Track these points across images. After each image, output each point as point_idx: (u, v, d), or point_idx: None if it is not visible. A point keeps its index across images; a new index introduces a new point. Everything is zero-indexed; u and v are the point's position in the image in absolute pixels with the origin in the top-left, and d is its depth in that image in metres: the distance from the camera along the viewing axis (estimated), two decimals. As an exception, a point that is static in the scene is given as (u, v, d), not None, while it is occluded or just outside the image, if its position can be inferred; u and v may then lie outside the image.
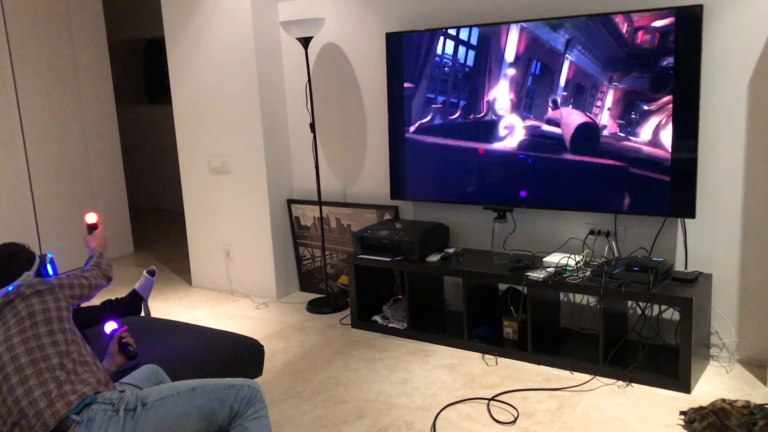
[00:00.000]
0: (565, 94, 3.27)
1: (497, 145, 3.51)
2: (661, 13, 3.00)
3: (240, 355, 2.77)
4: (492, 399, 2.97)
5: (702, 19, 2.93)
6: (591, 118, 3.23)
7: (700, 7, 2.92)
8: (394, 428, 2.78)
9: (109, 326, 2.85)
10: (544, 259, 3.36)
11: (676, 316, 3.22)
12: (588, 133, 3.25)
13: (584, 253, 3.41)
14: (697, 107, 2.99)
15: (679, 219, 3.22)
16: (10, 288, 2.26)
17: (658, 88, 3.05)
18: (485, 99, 3.50)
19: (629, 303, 3.35)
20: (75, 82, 5.37)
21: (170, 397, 2.01)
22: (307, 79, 4.09)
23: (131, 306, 3.36)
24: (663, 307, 3.30)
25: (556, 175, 3.37)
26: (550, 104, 3.32)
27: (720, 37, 3.02)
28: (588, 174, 3.28)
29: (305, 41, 3.95)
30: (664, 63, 3.02)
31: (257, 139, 4.26)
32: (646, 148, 3.11)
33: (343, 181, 4.31)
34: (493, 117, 3.49)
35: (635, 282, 3.00)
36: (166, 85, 5.52)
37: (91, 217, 2.96)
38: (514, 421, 2.78)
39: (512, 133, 3.46)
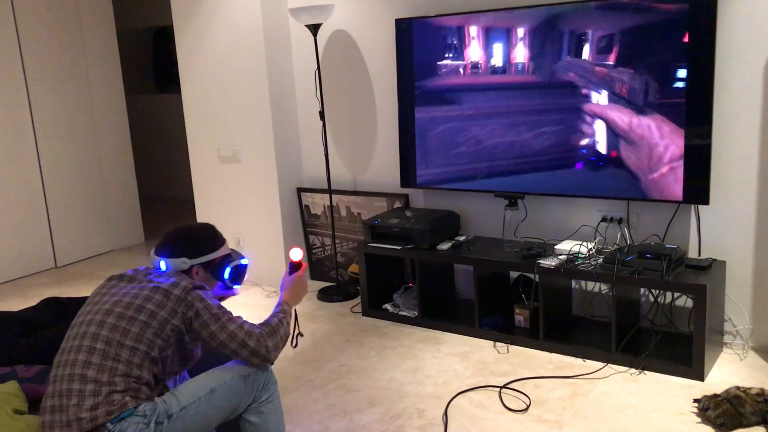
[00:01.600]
0: (578, 78, 3.24)
1: (512, 129, 3.48)
2: (675, -4, 2.96)
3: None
4: (504, 387, 2.97)
5: (717, 3, 2.89)
6: (604, 104, 3.19)
7: (715, -10, 2.88)
8: (406, 416, 2.78)
9: (296, 253, 2.42)
10: (555, 247, 3.35)
11: (690, 303, 3.20)
12: (600, 116, 3.22)
13: (596, 240, 3.38)
14: (711, 92, 2.95)
15: (693, 206, 3.19)
16: (164, 265, 2.16)
17: (672, 73, 3.01)
18: (496, 85, 3.47)
19: (642, 290, 3.33)
20: (84, 72, 5.37)
21: (192, 405, 2.01)
22: (316, 66, 4.07)
23: None
24: (676, 295, 3.27)
25: (569, 159, 3.34)
26: (563, 85, 3.29)
27: (735, 22, 2.97)
28: (602, 159, 3.25)
29: (314, 28, 3.92)
30: (678, 47, 2.98)
31: (267, 127, 4.25)
32: (659, 134, 3.08)
33: (353, 169, 4.29)
34: (506, 100, 3.46)
35: (648, 269, 2.98)
36: (175, 74, 5.52)
37: (296, 254, 2.40)
38: (526, 409, 2.78)
39: (526, 113, 3.43)
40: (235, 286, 2.33)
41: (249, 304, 4.19)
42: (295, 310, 2.94)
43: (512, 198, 3.54)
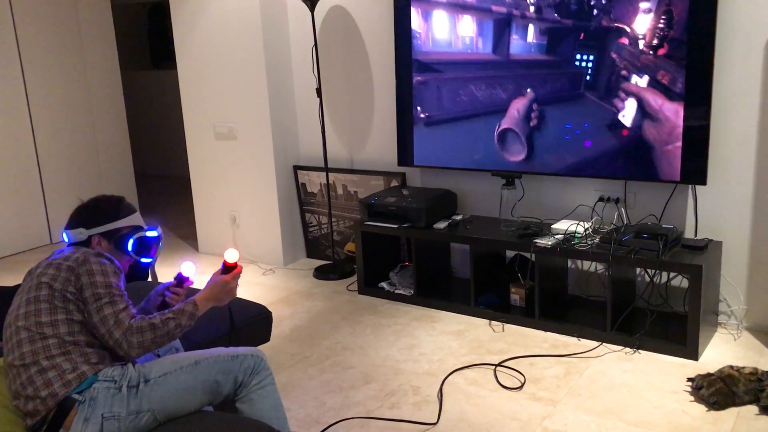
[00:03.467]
0: (580, 56, 3.22)
1: (511, 109, 3.46)
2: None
3: (248, 321, 2.77)
4: (499, 365, 2.98)
5: (718, -19, 2.86)
6: (603, 81, 3.17)
7: (717, -32, 2.86)
8: (401, 393, 2.80)
9: (187, 268, 2.24)
10: (552, 226, 3.34)
11: (685, 283, 3.21)
12: (601, 95, 3.20)
13: (593, 220, 3.38)
14: (711, 72, 2.93)
15: (690, 186, 3.19)
16: (66, 238, 2.12)
17: (671, 51, 2.99)
18: (497, 61, 3.45)
19: (638, 270, 3.34)
20: (79, 48, 5.32)
21: (173, 373, 1.97)
22: (313, 43, 4.03)
23: (138, 271, 3.36)
24: (672, 274, 3.28)
25: (567, 138, 3.33)
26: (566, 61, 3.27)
27: (736, 0, 2.95)
28: (599, 139, 3.24)
29: (311, 4, 3.88)
30: (678, 24, 2.95)
31: (263, 104, 4.22)
32: (658, 114, 3.06)
33: (349, 147, 4.27)
34: (505, 78, 3.44)
35: (644, 249, 2.98)
36: (170, 50, 5.46)
37: (231, 255, 2.12)
38: (521, 387, 2.79)
39: (523, 90, 3.41)
40: (142, 259, 2.21)
41: (244, 283, 4.19)
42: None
43: (509, 177, 3.53)
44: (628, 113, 3.14)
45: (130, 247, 2.17)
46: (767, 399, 2.49)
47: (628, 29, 3.07)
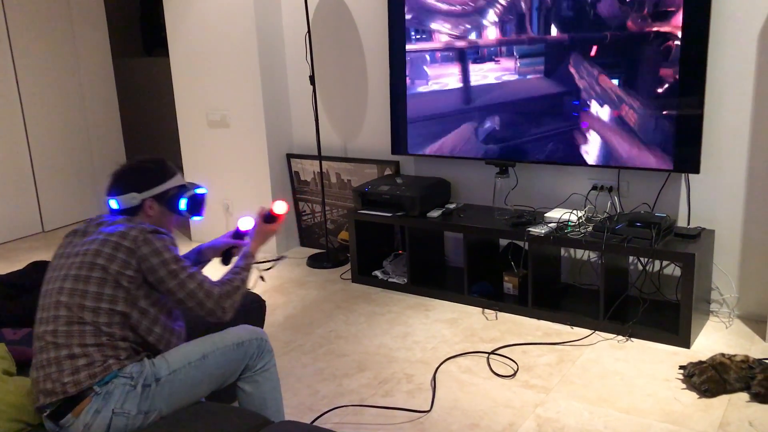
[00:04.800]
0: (570, 43, 3.21)
1: (500, 93, 3.46)
2: (672, -38, 2.92)
3: (242, 309, 2.75)
4: (492, 353, 2.99)
5: (713, -31, 2.86)
6: (595, 71, 3.17)
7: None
8: (395, 381, 2.80)
9: (245, 222, 2.37)
10: (545, 215, 3.35)
11: (678, 271, 3.22)
12: (594, 84, 3.20)
13: (586, 208, 3.39)
14: (705, 60, 2.93)
15: (683, 174, 3.19)
16: (115, 204, 2.04)
17: (665, 40, 2.99)
18: (489, 47, 3.44)
19: (630, 259, 3.35)
20: (71, 34, 5.27)
21: (182, 369, 1.97)
22: (306, 30, 4.01)
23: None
24: (664, 263, 3.29)
25: (561, 127, 3.33)
26: (555, 52, 3.26)
27: (731, -12, 2.95)
28: (592, 127, 3.24)
29: (305, -9, 3.86)
30: (672, 13, 2.95)
31: (256, 92, 4.20)
32: (651, 102, 3.06)
33: (343, 135, 4.26)
34: (497, 64, 3.43)
35: (637, 237, 2.99)
36: (163, 36, 5.42)
37: (281, 207, 2.29)
38: (513, 375, 2.80)
39: (516, 78, 3.40)
40: (194, 218, 2.21)
41: (238, 270, 4.18)
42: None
43: (503, 166, 3.53)
44: (620, 102, 3.14)
45: (183, 206, 2.13)
46: (758, 386, 2.51)
47: (623, 15, 3.07)
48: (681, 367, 2.74)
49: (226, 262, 2.38)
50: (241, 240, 2.38)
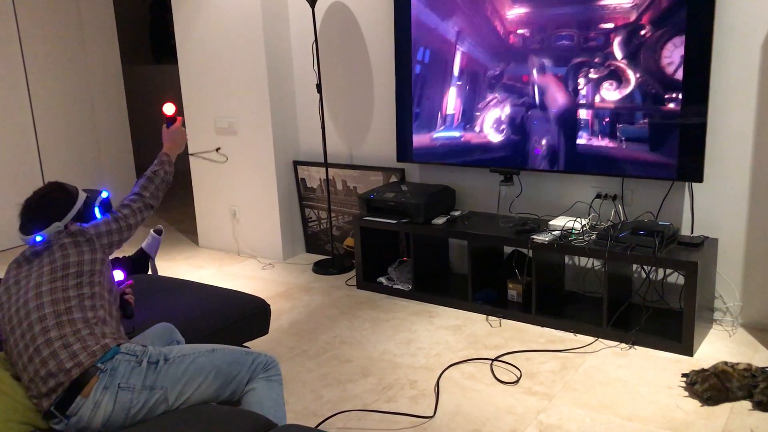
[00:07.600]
0: (576, 54, 3.24)
1: (508, 104, 3.48)
2: (675, -28, 2.94)
3: (247, 314, 2.80)
4: (495, 359, 3.00)
5: (716, -21, 2.88)
6: (601, 78, 3.19)
7: (715, -34, 2.87)
8: (399, 387, 2.82)
9: (116, 275, 2.58)
10: (549, 223, 3.36)
11: (681, 279, 3.23)
12: (598, 92, 3.22)
13: (590, 216, 3.40)
14: (708, 69, 2.95)
15: (687, 183, 3.20)
16: (39, 238, 2.16)
17: (669, 49, 3.01)
18: (496, 59, 3.47)
19: (634, 266, 3.36)
20: (81, 42, 5.34)
21: (191, 355, 2.05)
22: (313, 38, 4.05)
23: (138, 264, 3.39)
24: (668, 271, 3.30)
25: (565, 136, 3.35)
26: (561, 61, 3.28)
27: (734, -2, 2.97)
28: (595, 135, 3.26)
29: (312, 0, 3.90)
30: (676, 22, 2.97)
31: (264, 99, 4.24)
32: (655, 111, 3.08)
33: (349, 142, 4.29)
34: (505, 78, 3.46)
35: (641, 246, 3.01)
36: (172, 44, 5.48)
37: (169, 108, 2.56)
38: (516, 381, 2.82)
39: (522, 91, 3.43)
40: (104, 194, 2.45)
41: (244, 276, 4.21)
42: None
43: (507, 173, 3.55)
44: (623, 110, 3.16)
45: (99, 215, 2.35)
46: (760, 395, 2.51)
47: (626, 25, 3.09)
48: (683, 375, 2.74)
49: (125, 312, 2.39)
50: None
